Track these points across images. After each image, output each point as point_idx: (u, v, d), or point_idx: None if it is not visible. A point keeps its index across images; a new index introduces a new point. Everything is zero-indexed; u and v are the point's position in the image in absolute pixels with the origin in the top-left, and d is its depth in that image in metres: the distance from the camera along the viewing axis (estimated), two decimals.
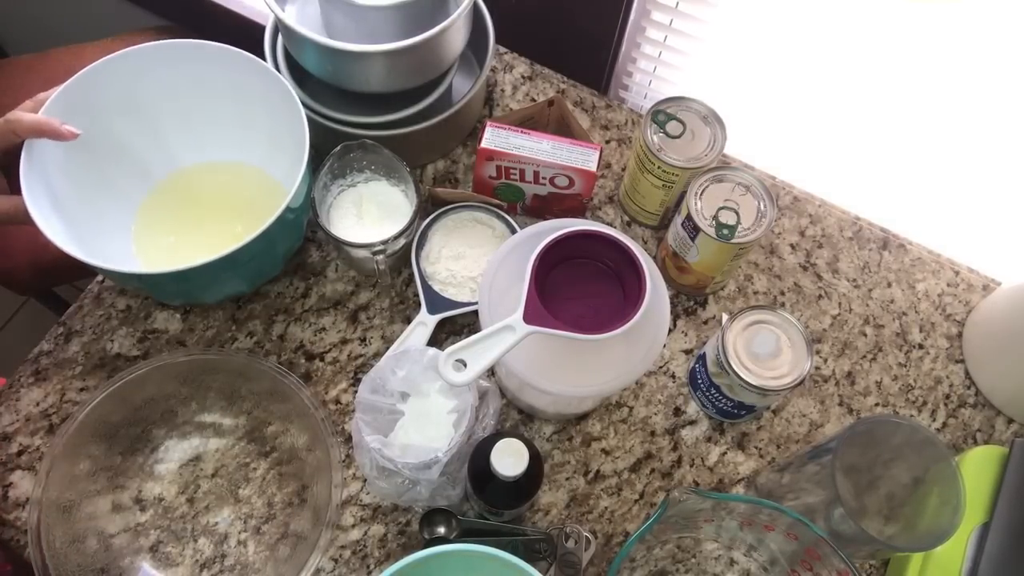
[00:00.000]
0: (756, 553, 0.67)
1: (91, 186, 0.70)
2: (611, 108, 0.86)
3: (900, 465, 0.64)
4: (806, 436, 0.73)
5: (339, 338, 0.74)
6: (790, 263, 0.80)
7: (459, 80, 0.81)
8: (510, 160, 0.72)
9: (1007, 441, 0.74)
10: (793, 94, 0.80)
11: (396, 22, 0.69)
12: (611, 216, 0.81)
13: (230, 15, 1.07)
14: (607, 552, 0.67)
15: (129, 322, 0.74)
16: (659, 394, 0.73)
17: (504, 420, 0.71)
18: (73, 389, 0.71)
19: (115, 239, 0.73)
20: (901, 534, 0.63)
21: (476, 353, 0.52)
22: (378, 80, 0.71)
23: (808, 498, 0.62)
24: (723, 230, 0.67)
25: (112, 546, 0.65)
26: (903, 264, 0.81)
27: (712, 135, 0.72)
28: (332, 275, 0.76)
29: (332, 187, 0.72)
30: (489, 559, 0.54)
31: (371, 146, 0.70)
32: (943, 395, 0.76)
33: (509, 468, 0.55)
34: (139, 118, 0.72)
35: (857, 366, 0.76)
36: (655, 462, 0.71)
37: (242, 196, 0.77)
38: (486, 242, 0.74)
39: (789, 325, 0.65)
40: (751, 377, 0.63)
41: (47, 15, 1.41)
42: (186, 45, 0.70)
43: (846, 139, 0.81)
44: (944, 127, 0.74)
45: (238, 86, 0.71)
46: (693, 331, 0.76)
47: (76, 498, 0.64)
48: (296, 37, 0.68)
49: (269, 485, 0.68)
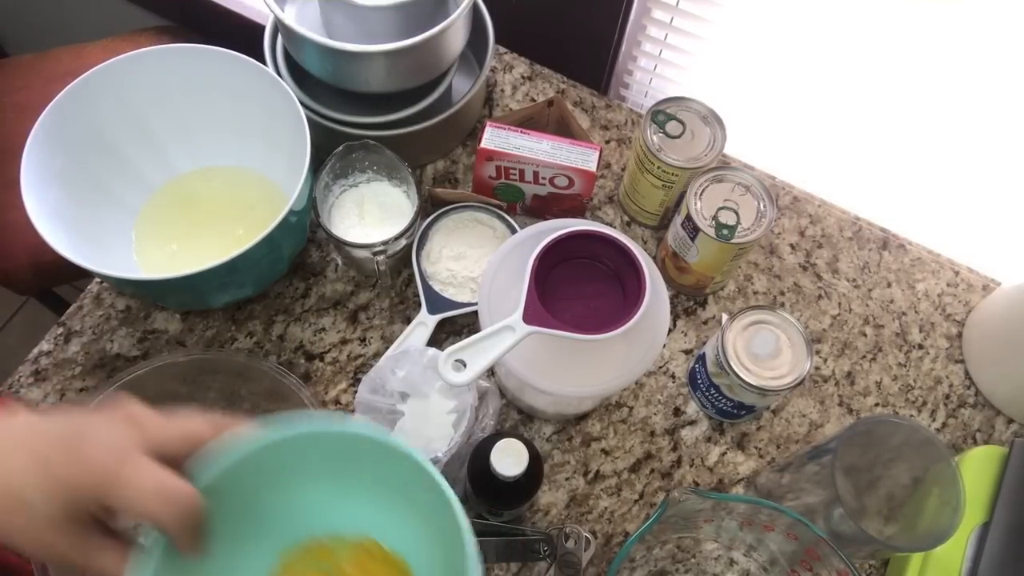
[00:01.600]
0: (756, 553, 0.67)
1: (90, 195, 0.70)
2: (611, 108, 0.86)
3: (900, 465, 0.64)
4: (806, 436, 0.73)
5: (339, 338, 0.74)
6: (790, 263, 0.80)
7: (459, 80, 0.81)
8: (510, 160, 0.72)
9: (1007, 441, 0.74)
10: (794, 94, 0.80)
11: (396, 22, 0.69)
12: (611, 216, 0.81)
13: (230, 15, 1.07)
14: (607, 552, 0.67)
15: (129, 322, 0.74)
16: (659, 394, 0.73)
17: (504, 420, 0.71)
18: (73, 389, 0.71)
19: (116, 247, 0.73)
20: (901, 534, 0.63)
21: (476, 353, 0.52)
22: (378, 80, 0.71)
23: (808, 498, 0.62)
24: (723, 230, 0.67)
25: None
26: (903, 264, 0.81)
27: (712, 135, 0.72)
28: (332, 275, 0.76)
29: (334, 187, 0.72)
30: (361, 441, 0.44)
31: (373, 146, 0.70)
32: (943, 395, 0.76)
33: (509, 468, 0.55)
34: (136, 124, 0.72)
35: (857, 366, 0.76)
36: (655, 462, 0.71)
37: (243, 200, 0.76)
38: (486, 242, 0.74)
39: (789, 325, 0.65)
40: (751, 377, 0.63)
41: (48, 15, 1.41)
42: (182, 49, 0.70)
43: (846, 139, 0.81)
44: (944, 127, 0.74)
45: (236, 89, 0.71)
46: (693, 331, 0.76)
47: None
48: (296, 37, 0.68)
49: None
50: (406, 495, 0.46)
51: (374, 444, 0.44)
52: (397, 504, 0.47)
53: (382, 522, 0.47)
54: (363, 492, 0.47)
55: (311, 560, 0.47)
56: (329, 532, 0.48)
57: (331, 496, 0.47)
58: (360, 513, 0.47)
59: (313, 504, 0.47)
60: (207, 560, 0.42)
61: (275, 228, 0.61)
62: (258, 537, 0.46)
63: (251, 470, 0.43)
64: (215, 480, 0.41)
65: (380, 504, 0.47)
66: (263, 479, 0.45)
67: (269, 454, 0.43)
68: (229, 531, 0.43)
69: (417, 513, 0.47)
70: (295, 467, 0.45)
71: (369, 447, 0.45)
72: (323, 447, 0.45)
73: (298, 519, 0.47)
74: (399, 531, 0.48)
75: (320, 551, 0.48)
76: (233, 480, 0.43)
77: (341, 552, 0.48)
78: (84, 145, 0.69)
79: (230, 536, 0.43)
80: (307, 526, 0.47)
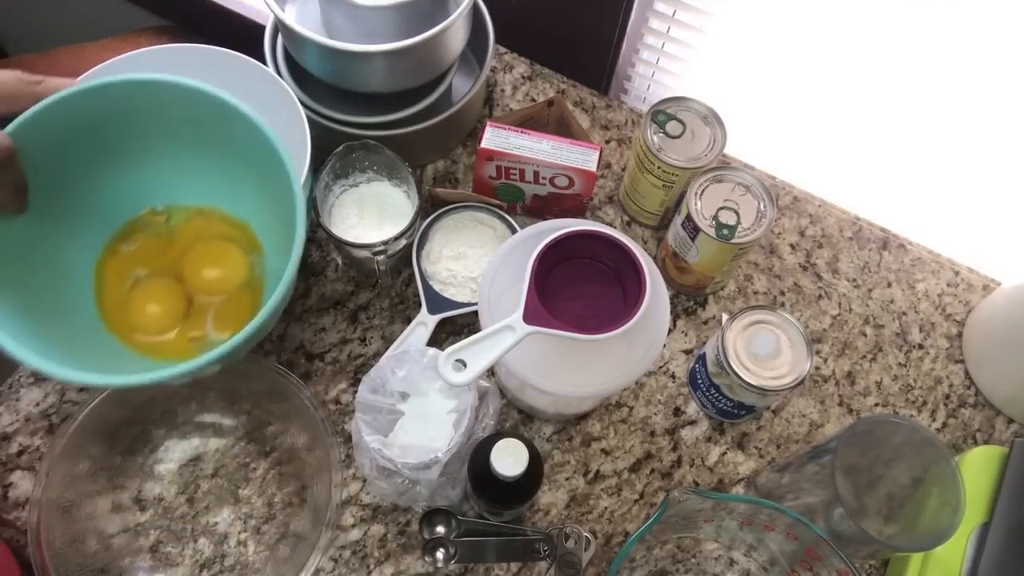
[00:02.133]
0: (756, 553, 0.67)
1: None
2: (611, 108, 0.86)
3: (900, 465, 0.64)
4: (806, 436, 0.73)
5: (339, 338, 0.74)
6: (790, 263, 0.80)
7: (459, 80, 0.81)
8: (510, 160, 0.72)
9: (1007, 441, 0.74)
10: (793, 94, 0.80)
11: (396, 22, 0.69)
12: (611, 216, 0.81)
13: (230, 15, 1.07)
14: (607, 552, 0.67)
15: None
16: (659, 394, 0.73)
17: (504, 420, 0.71)
18: (73, 389, 0.71)
19: None
20: (901, 534, 0.63)
21: (476, 353, 0.52)
22: (378, 80, 0.71)
23: (808, 498, 0.62)
24: (723, 230, 0.67)
25: (112, 546, 0.65)
26: (903, 264, 0.81)
27: (712, 135, 0.72)
28: (332, 275, 0.76)
29: (334, 187, 0.72)
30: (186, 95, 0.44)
31: (373, 146, 0.70)
32: (943, 395, 0.76)
33: (509, 468, 0.55)
34: None
35: (857, 366, 0.76)
36: (655, 462, 0.71)
37: None
38: (486, 242, 0.74)
39: (789, 325, 0.65)
40: (751, 377, 0.63)
41: (48, 15, 1.41)
42: (182, 49, 0.70)
43: (846, 139, 0.81)
44: (944, 127, 0.74)
45: (236, 89, 0.70)
46: (693, 331, 0.76)
47: (76, 498, 0.64)
48: (296, 37, 0.68)
49: (269, 485, 0.68)
50: (242, 159, 0.48)
51: (199, 97, 0.44)
52: (235, 172, 0.48)
53: (222, 192, 0.48)
54: (202, 164, 0.48)
55: (145, 226, 0.49)
56: (167, 204, 0.49)
57: (171, 173, 0.48)
58: (199, 186, 0.48)
59: (153, 180, 0.48)
60: (41, 225, 0.44)
61: None
62: (96, 210, 0.47)
63: (78, 134, 0.44)
64: (28, 130, 0.42)
65: (219, 175, 0.48)
66: (97, 152, 0.45)
67: (85, 109, 0.44)
68: (66, 202, 0.44)
69: (253, 175, 0.47)
70: (119, 130, 0.46)
71: (198, 103, 0.45)
72: (141, 105, 0.46)
73: (138, 195, 0.48)
74: (238, 197, 0.49)
75: (154, 217, 0.49)
76: (55, 139, 0.43)
77: (177, 216, 0.49)
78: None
79: (66, 207, 0.44)
80: (147, 200, 0.49)
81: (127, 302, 0.56)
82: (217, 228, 0.57)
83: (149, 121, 0.47)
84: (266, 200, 0.49)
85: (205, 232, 0.56)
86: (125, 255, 0.55)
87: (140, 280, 0.55)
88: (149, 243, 0.55)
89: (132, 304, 0.56)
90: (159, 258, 0.56)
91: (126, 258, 0.55)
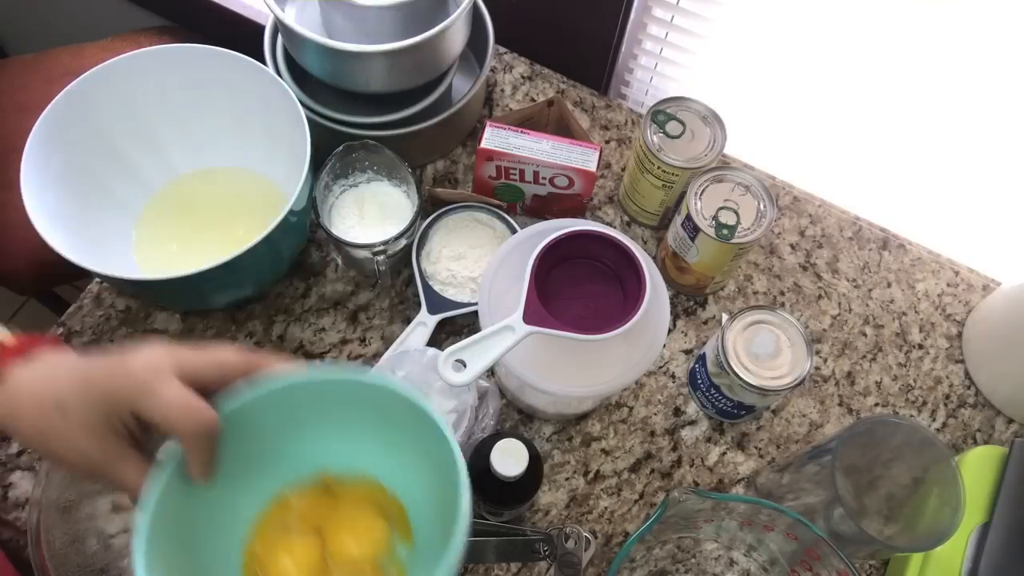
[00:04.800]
0: (756, 553, 0.67)
1: (90, 195, 0.70)
2: (611, 108, 0.86)
3: (900, 465, 0.64)
4: (806, 436, 0.73)
5: (339, 338, 0.74)
6: (790, 263, 0.80)
7: (459, 80, 0.81)
8: (510, 160, 0.72)
9: (1007, 441, 0.74)
10: (793, 94, 0.80)
11: (396, 22, 0.69)
12: (611, 216, 0.81)
13: (230, 15, 1.07)
14: (607, 552, 0.67)
15: (129, 322, 0.74)
16: (659, 394, 0.73)
17: (504, 420, 0.71)
18: None
19: (117, 248, 0.73)
20: (901, 534, 0.63)
21: (476, 353, 0.52)
22: (378, 80, 0.71)
23: (808, 498, 0.62)
24: (723, 230, 0.67)
25: (112, 546, 0.65)
26: (903, 264, 0.81)
27: (712, 135, 0.72)
28: (332, 275, 0.76)
29: (334, 187, 0.72)
30: (378, 391, 0.45)
31: (373, 146, 0.70)
32: (943, 395, 0.76)
33: (509, 468, 0.55)
34: (136, 125, 0.72)
35: (857, 366, 0.76)
36: (655, 462, 0.71)
37: (243, 200, 0.76)
38: (486, 242, 0.74)
39: (789, 325, 0.65)
40: (751, 377, 0.63)
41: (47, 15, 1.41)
42: (182, 49, 0.70)
43: (846, 139, 0.81)
44: (944, 127, 0.74)
45: (236, 89, 0.71)
46: (693, 331, 0.76)
47: (76, 498, 0.64)
48: (296, 37, 0.68)
49: None
50: (410, 442, 0.47)
51: (390, 395, 0.45)
52: (399, 448, 0.48)
53: (383, 465, 0.48)
54: (367, 436, 0.48)
55: (313, 498, 0.48)
56: (332, 471, 0.49)
57: (336, 439, 0.48)
58: (363, 455, 0.48)
59: (318, 445, 0.48)
60: (210, 489, 0.43)
61: (275, 228, 0.61)
62: (260, 474, 0.47)
63: (269, 408, 0.45)
64: (234, 411, 0.43)
65: (383, 448, 0.48)
66: (277, 418, 0.46)
67: (288, 395, 0.45)
68: (236, 466, 0.44)
69: (418, 457, 0.47)
70: (308, 408, 0.46)
71: (383, 397, 0.45)
72: (339, 393, 0.46)
73: (302, 459, 0.48)
74: (398, 474, 0.48)
75: (317, 496, 0.49)
76: (250, 415, 0.44)
77: (343, 491, 0.48)
78: (84, 145, 0.69)
79: (235, 471, 0.44)
80: (311, 465, 0.48)
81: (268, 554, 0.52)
82: (376, 498, 0.52)
83: (340, 406, 0.47)
84: (431, 500, 0.48)
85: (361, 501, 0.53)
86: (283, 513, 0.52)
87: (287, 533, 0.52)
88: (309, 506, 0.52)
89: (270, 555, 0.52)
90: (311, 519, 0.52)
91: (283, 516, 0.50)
